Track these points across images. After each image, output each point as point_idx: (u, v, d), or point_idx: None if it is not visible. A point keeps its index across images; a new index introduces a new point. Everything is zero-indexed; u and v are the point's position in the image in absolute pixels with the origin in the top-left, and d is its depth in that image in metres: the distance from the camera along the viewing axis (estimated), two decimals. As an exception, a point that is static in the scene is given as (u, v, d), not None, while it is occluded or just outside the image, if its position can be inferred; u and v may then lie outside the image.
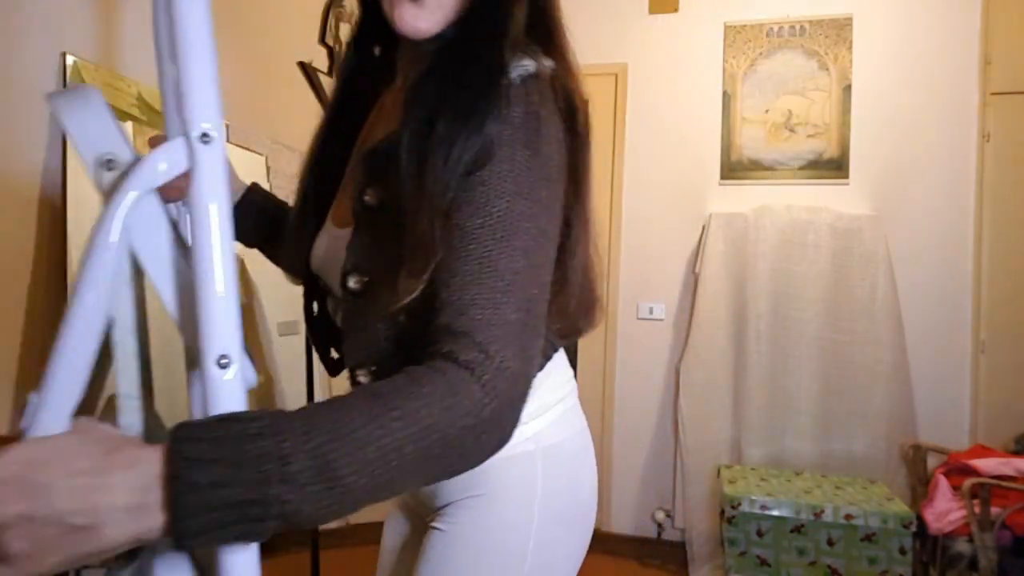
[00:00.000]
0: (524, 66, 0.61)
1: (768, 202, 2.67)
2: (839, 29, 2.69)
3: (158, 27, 0.55)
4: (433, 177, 0.57)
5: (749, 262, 2.63)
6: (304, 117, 2.00)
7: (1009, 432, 2.49)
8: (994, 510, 1.99)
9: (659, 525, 2.79)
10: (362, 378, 0.67)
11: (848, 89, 2.69)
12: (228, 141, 1.61)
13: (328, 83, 2.07)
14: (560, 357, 0.76)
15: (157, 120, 1.38)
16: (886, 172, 2.67)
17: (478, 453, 0.52)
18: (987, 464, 2.18)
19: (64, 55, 1.15)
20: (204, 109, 0.46)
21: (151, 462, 0.42)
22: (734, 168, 2.77)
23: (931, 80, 2.63)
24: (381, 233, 0.63)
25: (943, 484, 2.21)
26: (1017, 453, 2.37)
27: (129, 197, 0.46)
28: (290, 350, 1.87)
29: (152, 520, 0.41)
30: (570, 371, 0.79)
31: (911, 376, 2.58)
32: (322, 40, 2.05)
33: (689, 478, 2.65)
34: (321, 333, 0.78)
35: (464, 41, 0.64)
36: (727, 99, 2.77)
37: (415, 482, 0.49)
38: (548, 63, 0.64)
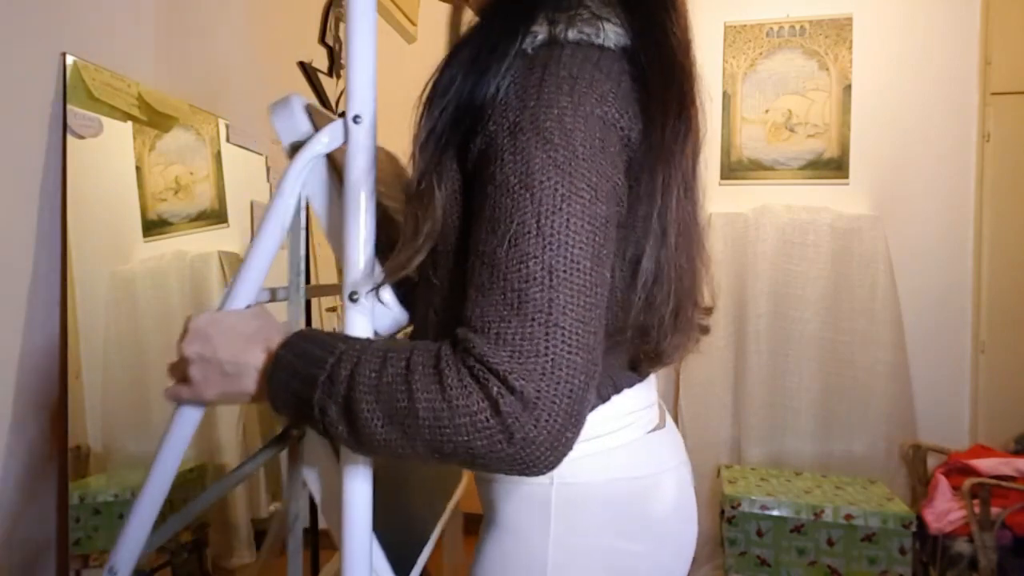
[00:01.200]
0: (540, 32, 0.54)
1: (768, 202, 2.67)
2: (839, 29, 2.69)
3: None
4: (422, 128, 0.56)
5: (749, 262, 2.63)
6: (304, 117, 2.00)
7: (1009, 432, 2.49)
8: (994, 510, 1.99)
9: (659, 525, 2.78)
10: None
11: (848, 89, 2.69)
12: (228, 141, 1.61)
13: (328, 83, 2.07)
14: (619, 394, 0.65)
15: (158, 120, 1.38)
16: (886, 172, 2.66)
17: (488, 460, 0.48)
18: (987, 464, 2.19)
19: (64, 55, 1.15)
20: (359, 97, 0.60)
21: (277, 343, 0.56)
22: (734, 168, 2.76)
23: (931, 80, 2.63)
24: None
25: (943, 484, 2.21)
26: (1017, 453, 2.36)
27: (300, 162, 0.63)
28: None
29: (264, 385, 0.56)
30: (636, 410, 0.67)
31: (911, 376, 2.58)
32: (322, 40, 2.05)
33: (689, 478, 2.65)
34: None
35: (493, 4, 0.59)
36: (727, 99, 2.76)
37: (427, 457, 0.50)
38: (613, 31, 0.56)
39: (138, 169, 1.34)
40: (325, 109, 2.07)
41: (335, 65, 2.10)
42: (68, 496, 1.14)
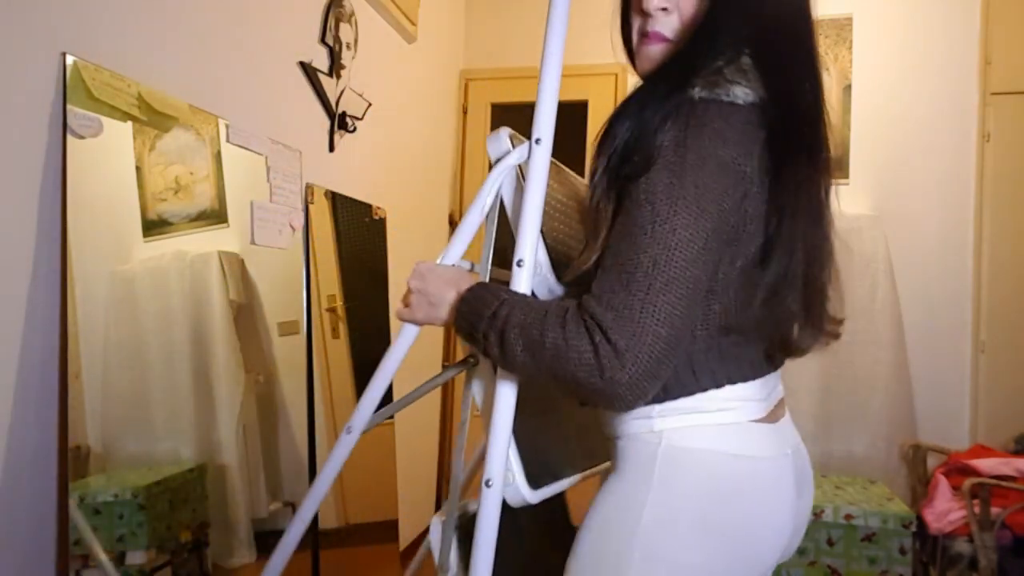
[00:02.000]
0: (683, 94, 0.71)
1: (768, 202, 2.67)
2: (839, 29, 2.69)
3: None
4: (598, 164, 0.74)
5: (749, 262, 2.63)
6: (304, 117, 2.00)
7: (1009, 432, 2.49)
8: (994, 510, 1.99)
9: (659, 525, 2.78)
10: None
11: (848, 89, 2.69)
12: (228, 141, 1.61)
13: (328, 83, 2.07)
14: (732, 384, 0.78)
15: (157, 120, 1.38)
16: (886, 172, 2.67)
17: (585, 387, 0.67)
18: (987, 464, 2.19)
19: (64, 55, 1.15)
20: (542, 123, 0.84)
21: (465, 288, 0.82)
22: (734, 168, 2.77)
23: (931, 80, 2.63)
24: None
25: (943, 484, 2.21)
26: (1017, 453, 2.37)
27: (497, 171, 0.91)
28: (290, 350, 1.86)
29: (453, 315, 0.82)
30: (744, 399, 0.79)
31: (911, 376, 2.58)
32: (322, 40, 2.05)
33: (689, 478, 2.65)
34: None
35: (657, 70, 0.79)
36: (727, 99, 2.77)
37: (547, 378, 0.71)
38: (742, 91, 0.72)
39: (138, 169, 1.34)
40: (334, 111, 2.07)
41: (335, 65, 2.10)
42: (68, 496, 1.14)
